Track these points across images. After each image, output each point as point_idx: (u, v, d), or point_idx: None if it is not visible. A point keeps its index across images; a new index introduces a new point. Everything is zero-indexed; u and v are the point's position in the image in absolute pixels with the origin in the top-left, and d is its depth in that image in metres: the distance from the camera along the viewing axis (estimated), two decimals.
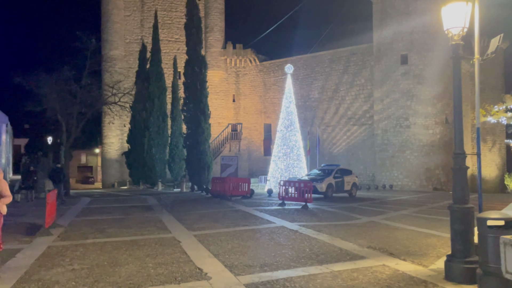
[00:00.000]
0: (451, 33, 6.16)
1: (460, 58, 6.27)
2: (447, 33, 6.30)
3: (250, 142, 44.44)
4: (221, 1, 44.34)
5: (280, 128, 25.53)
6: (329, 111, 38.58)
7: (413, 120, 32.64)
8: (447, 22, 6.16)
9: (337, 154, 38.22)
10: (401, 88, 32.87)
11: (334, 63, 38.56)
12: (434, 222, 11.11)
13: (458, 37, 6.11)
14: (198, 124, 22.16)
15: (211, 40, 43.83)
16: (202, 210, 13.53)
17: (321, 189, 18.97)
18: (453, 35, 6.12)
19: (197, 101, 22.24)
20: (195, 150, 22.22)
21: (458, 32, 6.08)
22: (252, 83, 44.24)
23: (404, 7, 32.98)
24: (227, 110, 44.75)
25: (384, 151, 33.83)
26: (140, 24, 44.34)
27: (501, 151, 50.29)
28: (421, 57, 32.54)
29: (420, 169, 32.41)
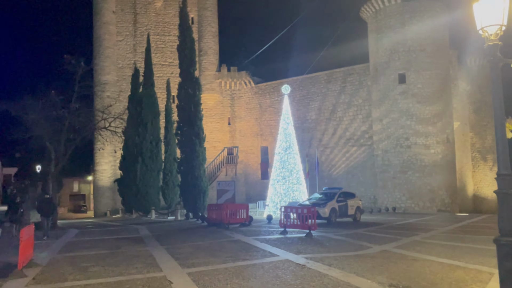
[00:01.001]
0: (486, 33, 5.28)
1: (499, 61, 5.39)
2: (481, 33, 5.43)
3: (247, 165, 43.41)
4: (215, 24, 44.15)
5: (278, 151, 24.59)
6: (327, 132, 37.80)
7: (414, 140, 31.85)
8: (482, 20, 5.30)
9: (336, 176, 37.21)
10: (400, 107, 32.22)
11: (330, 83, 38.05)
12: (453, 250, 10.05)
13: (495, 36, 5.24)
14: (193, 148, 21.21)
15: (205, 63, 43.38)
16: (197, 241, 12.39)
17: (324, 214, 17.88)
18: (489, 34, 5.25)
19: (191, 124, 21.35)
20: (189, 176, 21.18)
21: (496, 31, 5.22)
22: (247, 105, 43.58)
23: (399, 26, 32.70)
24: (222, 134, 43.90)
25: (385, 172, 32.88)
26: (133, 49, 43.93)
27: None
28: (419, 76, 32.04)
29: (423, 190, 31.40)
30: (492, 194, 48.94)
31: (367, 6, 34.40)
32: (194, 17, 44.33)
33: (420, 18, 32.44)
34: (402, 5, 32.66)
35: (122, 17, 44.15)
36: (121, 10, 44.14)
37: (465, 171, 45.73)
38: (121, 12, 44.12)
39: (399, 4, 32.77)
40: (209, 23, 43.72)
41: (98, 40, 43.01)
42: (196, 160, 21.28)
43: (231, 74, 43.46)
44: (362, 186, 35.86)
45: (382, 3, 33.39)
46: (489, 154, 49.19)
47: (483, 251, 9.87)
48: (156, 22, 44.33)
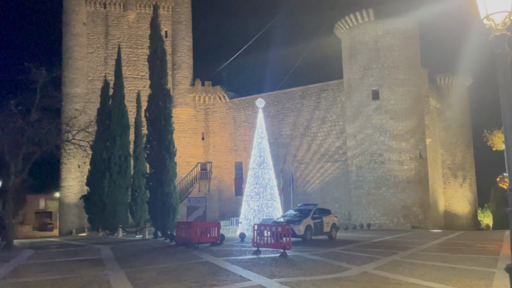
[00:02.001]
0: (492, 22, 4.70)
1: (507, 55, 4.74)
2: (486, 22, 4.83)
3: (221, 181, 42.44)
4: (189, 38, 43.56)
5: (252, 166, 23.88)
6: (301, 148, 37.44)
7: (388, 156, 31.82)
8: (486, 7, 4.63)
9: (311, 192, 36.73)
10: (373, 123, 32.24)
11: (305, 99, 37.88)
12: (437, 272, 9.50)
13: (503, 25, 4.63)
14: (163, 163, 20.24)
15: (179, 77, 42.57)
16: (162, 263, 11.41)
17: (299, 232, 17.19)
18: (495, 24, 4.64)
19: (162, 138, 20.41)
20: (159, 192, 20.15)
21: (503, 20, 4.62)
22: (222, 120, 42.87)
23: (372, 43, 32.98)
24: (196, 149, 42.90)
25: (360, 188, 32.63)
26: (104, 61, 42.72)
27: (472, 186, 50.32)
28: (392, 92, 32.24)
29: (397, 207, 31.25)
30: (462, 210, 49.63)
31: (341, 23, 34.62)
32: (168, 31, 43.66)
33: (392, 35, 32.84)
34: (375, 22, 33.00)
35: (93, 29, 43.00)
36: (92, 22, 43.01)
37: (436, 187, 46.20)
38: (92, 24, 42.98)
39: (373, 22, 33.11)
40: (183, 37, 43.10)
41: (67, 51, 41.63)
42: (166, 175, 20.30)
43: (205, 89, 42.77)
44: (337, 202, 35.49)
45: (355, 20, 33.66)
46: (459, 171, 50.04)
47: (468, 272, 9.37)
48: (128, 35, 43.36)
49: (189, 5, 43.77)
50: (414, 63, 33.41)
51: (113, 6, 42.95)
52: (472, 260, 11.14)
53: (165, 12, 43.10)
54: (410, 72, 32.80)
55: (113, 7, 42.96)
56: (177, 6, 43.20)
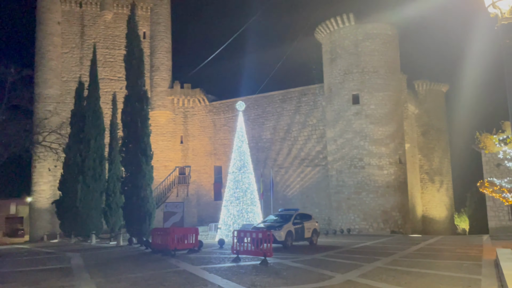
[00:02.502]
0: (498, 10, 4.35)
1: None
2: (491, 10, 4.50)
3: (200, 186, 41.68)
4: (168, 40, 42.79)
5: (232, 170, 23.34)
6: (281, 152, 37.12)
7: (368, 161, 31.78)
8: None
9: (291, 197, 36.41)
10: (354, 128, 32.19)
11: (285, 103, 37.63)
12: (422, 279, 9.19)
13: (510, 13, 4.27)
14: (139, 167, 19.49)
15: (157, 79, 41.72)
16: (136, 272, 10.74)
17: (279, 238, 16.73)
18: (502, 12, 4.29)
19: (138, 141, 19.68)
20: (134, 197, 19.37)
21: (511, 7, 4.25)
22: (201, 123, 42.18)
23: (353, 48, 33.00)
24: (174, 152, 42.04)
25: (340, 193, 32.47)
26: (79, 62, 41.51)
27: (449, 191, 50.98)
28: (373, 97, 32.29)
29: (377, 211, 31.20)
30: (439, 215, 50.20)
31: (321, 27, 34.57)
32: (146, 32, 42.84)
33: (373, 40, 32.95)
34: (356, 27, 33.07)
35: (68, 29, 41.77)
36: (67, 21, 41.79)
37: (414, 192, 46.59)
38: (67, 23, 41.76)
39: (353, 26, 33.16)
40: (162, 38, 42.30)
41: (41, 51, 40.24)
42: (142, 179, 19.56)
43: (184, 91, 42.03)
44: (317, 207, 35.26)
45: (336, 25, 33.66)
46: (437, 176, 50.66)
47: (453, 280, 9.08)
48: (105, 35, 42.28)
49: (168, 6, 43.06)
50: (394, 68, 33.60)
51: (89, 5, 41.84)
52: (456, 267, 10.90)
53: (143, 13, 42.26)
54: (390, 77, 32.95)
55: (89, 6, 41.86)
56: (156, 7, 42.41)
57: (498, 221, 26.35)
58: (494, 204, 26.65)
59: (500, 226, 25.71)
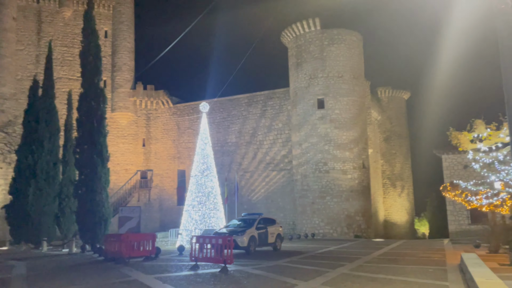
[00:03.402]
0: None
1: None
2: None
3: (162, 190, 40.43)
4: (131, 40, 41.43)
5: (194, 173, 22.53)
6: (247, 156, 36.59)
7: (332, 165, 31.78)
8: None
9: (256, 202, 35.90)
10: (319, 132, 32.15)
11: (251, 106, 37.18)
12: (388, 286, 8.84)
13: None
14: (94, 169, 18.35)
15: (119, 80, 40.24)
16: (81, 283, 9.81)
17: (242, 243, 16.11)
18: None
19: (93, 142, 18.56)
20: (88, 201, 18.20)
21: None
22: (164, 126, 41.01)
23: (318, 53, 33.05)
24: (136, 156, 40.60)
25: (305, 197, 32.28)
26: (36, 59, 39.44)
27: (410, 196, 52.07)
28: (337, 102, 32.39)
29: (341, 216, 31.20)
30: (400, 219, 51.13)
31: (287, 31, 34.46)
32: (108, 31, 41.34)
33: (338, 46, 33.13)
34: (321, 32, 33.17)
35: (25, 25, 39.65)
36: (24, 17, 39.66)
37: (377, 197, 47.23)
38: (24, 19, 39.63)
39: (319, 31, 33.24)
40: (124, 37, 40.90)
41: None
42: (97, 182, 18.42)
43: (147, 93, 40.76)
44: (282, 211, 34.92)
45: (302, 29, 33.64)
46: (398, 181, 51.67)
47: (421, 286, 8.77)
48: (64, 33, 40.42)
49: (131, 5, 41.74)
50: (358, 74, 33.88)
51: (47, 1, 39.94)
52: (422, 272, 10.66)
53: (105, 11, 40.78)
54: (354, 82, 33.19)
55: (47, 2, 39.94)
56: (119, 5, 41.00)
57: (458, 225, 26.91)
58: (454, 208, 27.22)
59: (460, 230, 26.23)
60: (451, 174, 27.12)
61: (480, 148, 12.38)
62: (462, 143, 12.44)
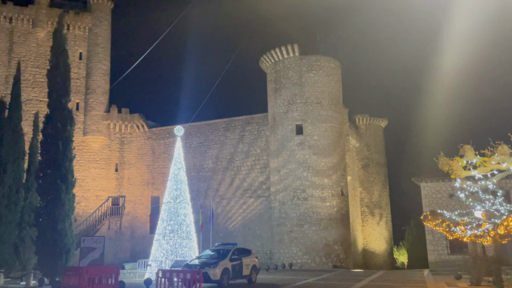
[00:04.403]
0: None
1: None
2: None
3: (134, 217, 38.77)
4: (106, 62, 40.57)
5: (166, 200, 21.43)
6: (224, 182, 35.60)
7: (311, 192, 31.11)
8: None
9: (232, 230, 34.70)
10: (297, 158, 31.60)
11: (229, 131, 36.49)
12: None
13: None
14: (57, 195, 17.09)
15: (92, 103, 39.07)
16: None
17: (214, 276, 15.04)
18: None
19: (58, 166, 17.37)
20: (49, 229, 16.83)
21: None
22: (139, 151, 39.75)
23: (297, 78, 32.92)
24: (108, 181, 39.01)
25: (282, 225, 31.34)
26: (5, 80, 38.01)
27: (388, 224, 51.65)
28: (316, 128, 32.07)
29: (319, 245, 30.32)
30: (379, 248, 50.50)
31: (266, 57, 34.36)
32: (83, 52, 40.44)
33: (316, 72, 33.11)
34: (300, 58, 33.16)
35: None
36: None
37: (355, 225, 46.61)
38: None
39: (297, 57, 33.23)
40: (99, 60, 40.02)
41: None
42: (60, 209, 17.12)
43: (122, 116, 39.65)
44: (259, 240, 33.81)
45: (281, 55, 33.59)
46: (376, 209, 51.30)
47: None
48: (37, 54, 39.28)
49: (108, 28, 41.11)
50: (336, 100, 33.80)
51: (20, 21, 38.90)
52: None
53: (80, 33, 39.98)
54: (332, 108, 33.05)
55: (20, 22, 38.91)
56: (95, 27, 40.31)
57: (438, 255, 26.37)
58: (433, 237, 26.74)
59: (439, 260, 25.68)
60: (430, 202, 26.79)
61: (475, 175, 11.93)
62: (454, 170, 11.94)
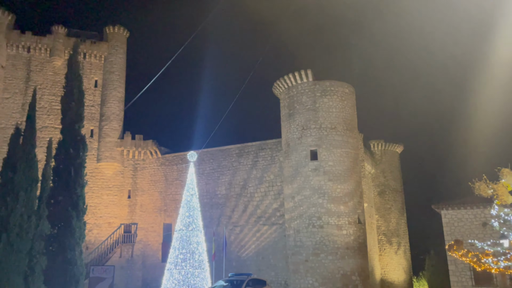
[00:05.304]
0: None
1: None
2: None
3: (146, 245, 38.15)
4: (121, 89, 41.02)
5: (179, 227, 20.89)
6: (237, 209, 34.94)
7: (326, 220, 30.17)
8: None
9: (246, 258, 33.75)
10: (312, 184, 30.86)
11: (242, 157, 36.09)
12: None
13: None
14: (68, 223, 16.75)
15: (107, 129, 39.28)
16: None
17: None
18: None
19: (69, 192, 17.13)
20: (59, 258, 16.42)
21: None
22: (152, 177, 39.52)
23: (311, 104, 32.59)
24: (120, 208, 38.70)
25: (297, 254, 30.31)
26: (22, 108, 38.58)
27: (406, 254, 49.81)
28: (331, 154, 31.42)
29: (336, 275, 29.11)
30: (398, 279, 48.57)
31: (279, 82, 34.23)
32: (99, 80, 41.04)
33: (330, 97, 32.77)
34: (314, 83, 32.92)
35: (13, 73, 39.21)
36: (12, 66, 39.31)
37: (372, 254, 45.03)
38: (12, 67, 39.26)
39: (311, 82, 33.00)
40: (114, 87, 40.51)
41: None
42: (71, 238, 16.74)
43: (135, 143, 39.70)
44: (273, 270, 32.74)
45: (294, 80, 33.43)
46: (394, 237, 49.62)
47: None
48: (53, 82, 39.95)
49: (123, 56, 41.78)
50: (351, 125, 33.26)
51: (38, 50, 39.81)
52: None
53: (96, 61, 40.69)
54: (347, 134, 32.48)
55: (38, 51, 39.81)
56: (111, 55, 41.02)
57: (462, 287, 25.09)
58: (456, 268, 25.54)
59: None
60: (451, 231, 25.75)
61: None
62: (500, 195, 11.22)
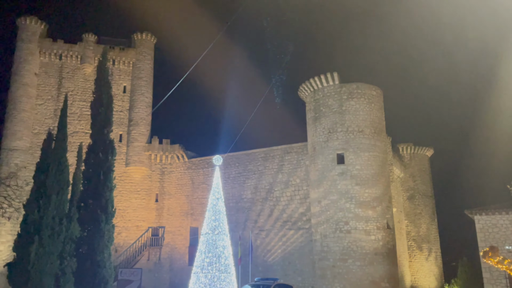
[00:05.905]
0: None
1: None
2: None
3: (173, 249, 38.50)
4: (149, 95, 41.76)
5: (205, 231, 20.86)
6: (263, 213, 34.80)
7: (354, 225, 29.61)
8: None
9: (272, 263, 33.52)
10: (339, 189, 30.37)
11: (268, 161, 35.96)
12: None
13: None
14: (97, 226, 17.07)
15: (135, 134, 40.01)
16: None
17: None
18: None
19: (98, 196, 17.46)
20: (89, 261, 16.73)
21: None
22: (178, 181, 39.93)
23: (337, 107, 32.16)
24: (148, 212, 39.26)
25: (324, 260, 29.85)
26: (54, 114, 39.82)
27: (438, 260, 48.28)
28: (358, 157, 30.87)
29: (365, 282, 28.48)
30: (429, 286, 47.12)
31: (305, 85, 33.96)
32: (127, 86, 41.91)
33: (357, 100, 32.25)
34: (340, 86, 32.49)
35: (45, 80, 40.56)
36: (45, 73, 40.69)
37: (402, 260, 43.86)
38: (45, 74, 40.64)
39: (337, 86, 32.59)
40: (142, 92, 41.28)
41: (13, 102, 38.62)
42: (100, 240, 17.04)
43: (163, 147, 40.26)
44: (300, 275, 32.37)
45: (320, 83, 33.10)
46: (424, 243, 48.16)
47: None
48: (83, 88, 41.09)
49: (151, 62, 42.57)
50: (379, 129, 32.61)
51: (69, 58, 41.05)
52: None
53: (125, 67, 41.58)
54: (375, 137, 31.85)
55: (69, 59, 41.05)
56: (139, 61, 41.86)
57: None
58: (491, 276, 24.48)
59: None
60: (486, 237, 24.72)
61: None
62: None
